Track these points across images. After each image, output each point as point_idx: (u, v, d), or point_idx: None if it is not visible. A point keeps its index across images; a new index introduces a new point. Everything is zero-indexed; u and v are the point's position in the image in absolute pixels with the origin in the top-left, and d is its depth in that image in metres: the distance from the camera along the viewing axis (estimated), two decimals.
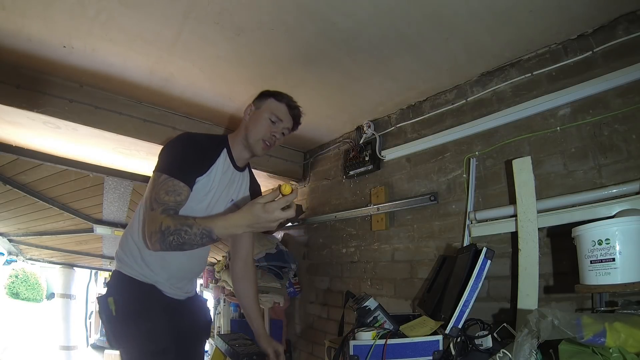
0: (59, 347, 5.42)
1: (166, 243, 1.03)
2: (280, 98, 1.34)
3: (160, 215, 1.06)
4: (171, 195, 1.11)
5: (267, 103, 1.33)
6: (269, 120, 1.31)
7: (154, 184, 1.14)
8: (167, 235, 1.02)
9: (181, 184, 1.13)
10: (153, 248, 1.06)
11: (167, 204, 1.09)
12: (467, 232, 1.60)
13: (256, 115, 1.33)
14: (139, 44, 1.51)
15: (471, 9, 1.27)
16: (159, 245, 1.04)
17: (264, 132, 1.30)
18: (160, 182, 1.12)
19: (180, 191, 1.13)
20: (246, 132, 1.32)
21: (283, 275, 2.59)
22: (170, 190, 1.11)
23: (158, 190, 1.11)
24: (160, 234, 1.03)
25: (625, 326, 0.82)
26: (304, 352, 2.60)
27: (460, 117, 1.76)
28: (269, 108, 1.32)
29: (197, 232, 1.02)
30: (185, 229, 1.02)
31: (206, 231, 1.02)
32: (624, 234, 1.00)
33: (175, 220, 1.04)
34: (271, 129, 1.31)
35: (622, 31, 1.27)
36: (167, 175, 1.13)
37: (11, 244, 3.75)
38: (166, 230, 1.02)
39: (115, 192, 2.36)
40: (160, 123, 2.08)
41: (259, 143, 1.31)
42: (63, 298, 5.40)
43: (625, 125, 1.24)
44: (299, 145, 2.71)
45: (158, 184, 1.12)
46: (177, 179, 1.13)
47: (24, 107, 1.69)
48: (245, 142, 1.32)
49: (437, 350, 1.19)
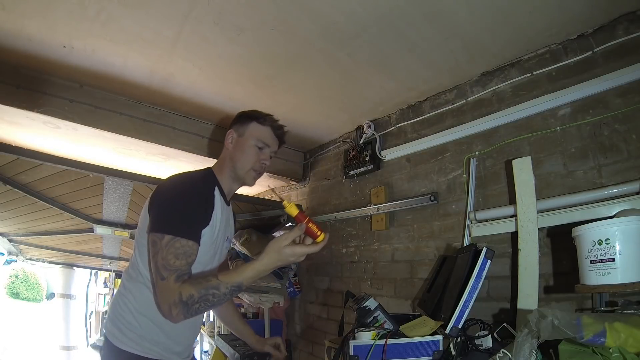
0: (59, 347, 5.41)
1: (191, 312, 0.94)
2: (262, 121, 1.23)
3: (174, 284, 0.94)
4: (182, 259, 0.97)
5: (249, 129, 1.21)
6: (256, 147, 1.20)
7: (156, 248, 0.98)
8: (192, 305, 0.93)
9: (190, 243, 1.00)
10: (175, 320, 0.96)
11: (180, 269, 0.96)
12: (467, 232, 1.60)
13: (240, 143, 1.21)
14: (139, 44, 1.51)
15: (471, 9, 1.27)
16: (182, 317, 0.94)
17: (253, 161, 1.19)
18: (165, 244, 0.97)
19: (190, 252, 1.00)
20: (233, 163, 1.20)
21: (283, 275, 2.59)
22: (180, 253, 0.97)
23: (165, 256, 0.96)
24: (182, 305, 0.92)
25: (625, 326, 0.82)
26: (304, 352, 2.60)
27: (460, 117, 1.76)
28: (253, 134, 1.21)
29: (227, 292, 0.96)
30: (212, 292, 0.94)
31: (235, 287, 0.97)
32: (624, 234, 1.00)
33: (196, 287, 0.94)
34: (259, 156, 1.21)
35: (622, 31, 1.27)
36: (171, 236, 0.98)
37: (11, 244, 3.75)
38: (189, 300, 0.93)
39: (115, 192, 2.36)
40: (160, 123, 2.08)
41: (249, 174, 1.20)
42: (63, 298, 5.40)
43: (625, 125, 1.24)
44: (299, 145, 2.71)
45: (163, 247, 0.97)
46: (184, 238, 0.99)
47: (24, 107, 1.69)
48: (234, 174, 1.20)
49: (437, 350, 1.19)
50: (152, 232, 1.01)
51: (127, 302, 1.09)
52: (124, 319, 1.08)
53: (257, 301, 2.49)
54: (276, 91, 1.88)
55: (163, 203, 1.06)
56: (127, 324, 1.07)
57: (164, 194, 1.07)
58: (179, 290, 0.93)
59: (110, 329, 1.10)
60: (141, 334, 1.07)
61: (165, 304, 0.94)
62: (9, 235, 3.48)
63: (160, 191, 1.09)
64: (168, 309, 0.94)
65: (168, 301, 0.93)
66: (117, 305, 1.11)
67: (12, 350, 6.42)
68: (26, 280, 10.75)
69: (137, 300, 1.09)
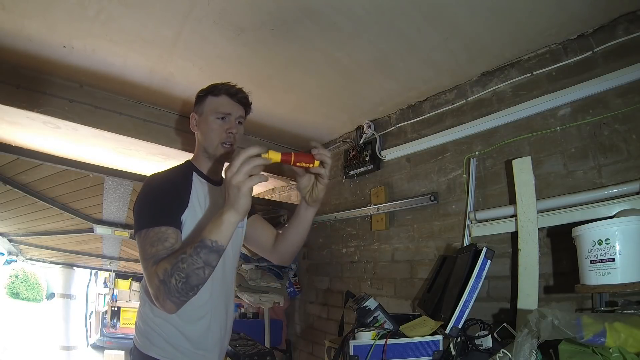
0: (59, 347, 5.42)
1: (172, 291, 0.86)
2: (217, 91, 1.18)
3: (152, 268, 0.91)
4: (157, 245, 0.95)
5: (206, 104, 1.19)
6: (217, 120, 1.16)
7: (139, 247, 0.99)
8: (168, 280, 0.86)
9: (163, 228, 0.97)
10: (168, 309, 0.89)
11: (157, 254, 0.93)
12: (467, 232, 1.60)
13: (202, 121, 1.18)
14: (139, 44, 1.51)
15: (471, 9, 1.27)
16: (169, 302, 0.87)
17: (218, 134, 1.15)
18: (142, 239, 0.97)
19: (165, 236, 0.96)
20: (202, 143, 1.18)
21: (283, 275, 2.59)
22: (154, 240, 0.95)
23: (143, 248, 0.96)
24: (162, 285, 0.87)
25: (625, 326, 0.83)
26: (304, 352, 2.60)
27: (460, 117, 1.76)
28: (210, 108, 1.17)
29: (192, 252, 0.87)
30: (181, 257, 0.87)
31: (201, 246, 0.87)
32: (624, 234, 1.00)
33: (168, 259, 0.90)
34: (224, 127, 1.16)
35: (622, 31, 1.27)
36: (145, 229, 0.97)
37: (11, 244, 3.75)
38: (165, 275, 0.87)
39: (115, 192, 2.36)
40: (160, 123, 2.08)
41: (219, 148, 1.16)
42: (63, 298, 5.41)
43: (625, 125, 1.24)
44: (298, 145, 2.71)
45: (141, 242, 0.98)
46: (156, 226, 0.97)
47: (24, 107, 1.69)
48: (207, 154, 1.18)
49: (437, 350, 1.19)
50: (134, 236, 1.02)
51: (147, 311, 1.12)
52: (148, 326, 1.10)
53: (257, 301, 2.49)
54: (276, 91, 1.88)
55: (137, 205, 1.06)
56: (151, 332, 1.10)
57: (138, 196, 1.08)
58: (156, 271, 0.89)
59: (137, 337, 1.13)
60: (166, 339, 1.09)
61: (153, 293, 0.90)
62: (9, 235, 3.48)
63: (138, 196, 1.09)
64: (156, 299, 0.90)
65: (153, 290, 0.90)
66: (140, 316, 1.15)
67: (12, 350, 6.42)
68: (26, 280, 10.77)
69: (149, 304, 1.10)
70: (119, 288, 6.65)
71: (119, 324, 6.44)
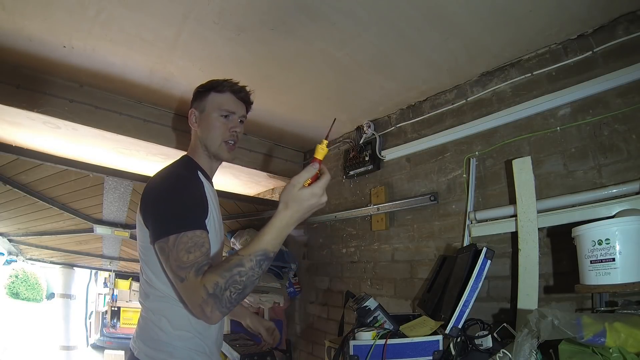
0: (59, 347, 5.42)
1: (224, 303, 0.82)
2: (221, 88, 1.15)
3: (196, 279, 0.84)
4: (194, 251, 0.88)
5: (209, 101, 1.15)
6: (221, 117, 1.13)
7: (165, 254, 0.90)
8: (221, 294, 0.81)
9: (197, 232, 0.91)
10: (213, 320, 0.84)
11: (196, 262, 0.86)
12: (467, 232, 1.60)
13: (204, 119, 1.15)
14: (139, 44, 1.51)
15: (471, 9, 1.27)
16: (218, 312, 0.83)
17: (222, 132, 1.13)
18: (173, 245, 0.88)
19: (201, 241, 0.91)
20: (203, 141, 1.14)
21: (283, 275, 2.59)
22: (190, 246, 0.88)
23: (176, 256, 0.87)
24: (213, 298, 0.81)
25: (625, 326, 0.83)
26: (304, 352, 2.60)
27: (460, 117, 1.76)
28: (214, 105, 1.14)
29: (253, 265, 0.83)
30: (238, 271, 0.82)
31: (261, 256, 0.83)
32: (624, 234, 1.00)
33: (218, 272, 0.83)
34: (228, 125, 1.14)
35: (622, 31, 1.27)
36: (175, 235, 0.89)
37: (11, 244, 3.75)
38: (216, 289, 0.81)
39: (115, 192, 2.36)
40: (160, 123, 2.08)
41: (222, 147, 1.14)
42: (63, 298, 5.40)
43: (625, 125, 1.24)
44: (299, 145, 2.71)
45: (171, 249, 0.88)
46: (189, 230, 0.90)
47: (24, 107, 1.69)
48: (208, 152, 1.15)
49: (437, 350, 1.19)
50: (156, 241, 0.93)
51: (164, 326, 1.01)
52: (166, 342, 1.01)
53: (257, 301, 2.49)
54: (276, 91, 1.88)
55: (155, 206, 0.98)
56: (170, 345, 1.01)
57: (153, 198, 1.00)
58: (203, 284, 0.82)
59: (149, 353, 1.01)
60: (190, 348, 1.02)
61: (196, 306, 0.84)
62: (9, 235, 3.48)
63: (148, 197, 1.01)
64: (200, 310, 0.83)
65: (197, 301, 0.83)
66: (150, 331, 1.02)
67: (12, 350, 6.42)
68: (26, 280, 10.76)
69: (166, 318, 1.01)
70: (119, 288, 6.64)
71: (119, 324, 6.44)
